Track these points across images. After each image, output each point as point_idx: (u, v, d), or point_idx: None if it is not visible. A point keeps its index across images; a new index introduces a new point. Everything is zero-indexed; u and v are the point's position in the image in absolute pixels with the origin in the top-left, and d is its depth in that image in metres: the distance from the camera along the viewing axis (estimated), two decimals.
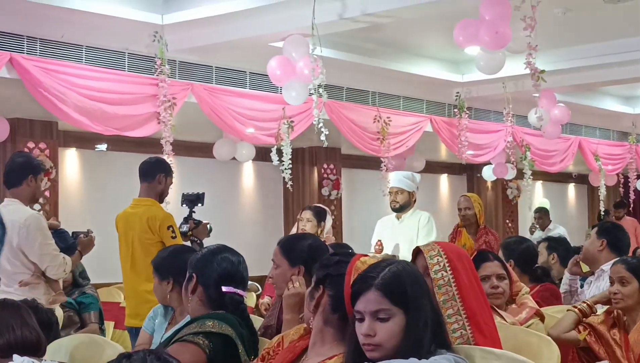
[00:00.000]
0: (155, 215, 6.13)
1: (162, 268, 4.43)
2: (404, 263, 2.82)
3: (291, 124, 9.27)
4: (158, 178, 6.31)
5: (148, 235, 6.10)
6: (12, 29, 7.49)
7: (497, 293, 4.44)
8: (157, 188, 6.33)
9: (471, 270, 3.40)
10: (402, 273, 2.72)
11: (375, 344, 2.66)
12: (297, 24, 7.68)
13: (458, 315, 3.22)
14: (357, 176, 13.49)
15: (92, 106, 7.97)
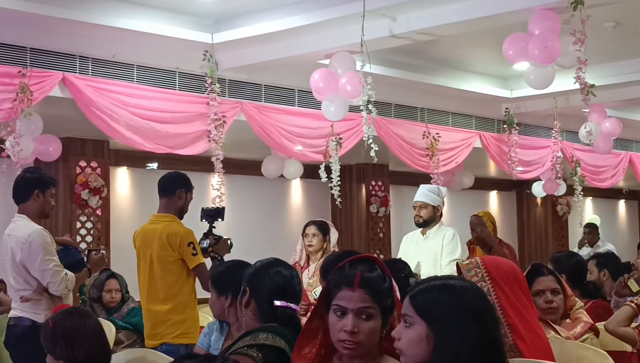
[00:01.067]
0: (176, 231, 5.95)
1: (221, 283, 4.36)
2: (455, 285, 2.71)
3: (339, 141, 9.28)
4: (178, 193, 6.15)
5: (168, 252, 5.91)
6: (65, 49, 7.62)
7: (551, 308, 4.40)
8: (177, 203, 6.15)
9: (516, 282, 3.40)
10: (439, 289, 2.69)
11: (399, 348, 2.70)
12: (345, 41, 7.71)
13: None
14: (406, 193, 13.44)
15: (144, 124, 8.06)
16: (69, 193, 9.49)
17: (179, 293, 5.88)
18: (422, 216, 7.55)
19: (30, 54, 7.42)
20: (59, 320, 3.72)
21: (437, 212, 7.57)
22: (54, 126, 8.32)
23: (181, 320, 5.84)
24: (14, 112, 7.21)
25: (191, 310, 5.91)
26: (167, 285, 5.85)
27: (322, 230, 7.34)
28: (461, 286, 2.70)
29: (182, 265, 5.89)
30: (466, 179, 12.52)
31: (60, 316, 3.75)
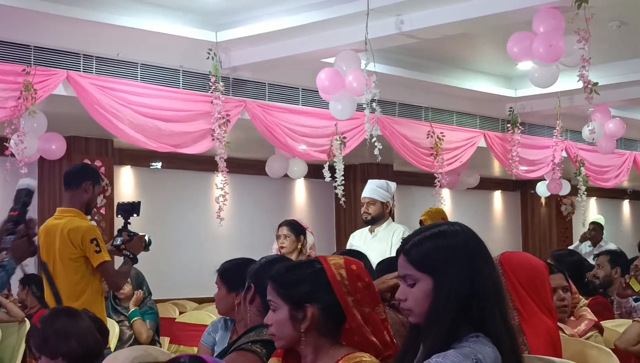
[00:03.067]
0: (78, 227, 5.47)
1: (231, 279, 4.31)
2: (445, 230, 2.67)
3: (343, 140, 9.28)
4: (84, 186, 5.60)
5: (70, 249, 5.47)
6: (69, 47, 7.62)
7: (564, 306, 4.41)
8: (82, 197, 5.61)
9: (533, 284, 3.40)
10: (432, 238, 2.64)
11: (407, 309, 2.65)
12: (350, 40, 7.71)
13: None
14: (410, 193, 13.45)
15: (147, 123, 8.06)
16: None
17: (82, 293, 5.47)
18: (370, 212, 7.11)
19: (34, 52, 7.42)
20: (47, 320, 3.70)
21: (386, 209, 7.14)
22: (58, 124, 8.33)
23: None
24: (18, 110, 7.22)
25: (98, 311, 5.24)
26: (71, 285, 5.44)
27: (294, 230, 7.08)
28: (451, 230, 2.66)
29: (86, 263, 5.49)
30: (471, 178, 12.52)
31: (47, 317, 3.73)
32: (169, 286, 10.33)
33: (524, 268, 3.46)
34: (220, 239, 10.81)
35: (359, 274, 2.86)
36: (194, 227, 11.16)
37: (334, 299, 2.82)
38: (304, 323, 2.84)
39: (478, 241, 2.68)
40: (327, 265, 2.87)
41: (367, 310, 2.85)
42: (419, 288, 2.61)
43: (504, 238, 15.47)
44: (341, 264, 2.87)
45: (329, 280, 2.84)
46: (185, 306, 9.13)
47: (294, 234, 7.04)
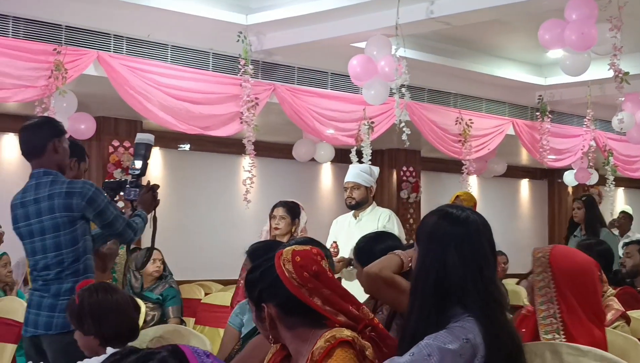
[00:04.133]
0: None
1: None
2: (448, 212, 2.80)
3: (371, 125, 9.27)
4: (71, 162, 5.18)
5: None
6: (100, 27, 7.66)
7: None
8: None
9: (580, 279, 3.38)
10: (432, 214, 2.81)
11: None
12: (380, 25, 7.70)
13: (553, 317, 3.24)
14: (437, 180, 13.43)
15: (177, 105, 8.08)
16: (101, 172, 9.55)
17: None
18: (354, 197, 6.92)
19: (65, 32, 7.46)
20: (85, 296, 3.73)
21: (370, 193, 6.99)
22: (87, 104, 8.38)
23: None
24: (49, 89, 7.26)
25: None
26: None
27: (290, 212, 6.80)
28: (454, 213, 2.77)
29: None
30: (499, 166, 12.47)
31: (86, 293, 3.75)
32: (195, 267, 10.39)
33: (575, 275, 3.40)
34: (247, 221, 10.82)
35: (303, 264, 2.88)
36: (220, 209, 11.19)
37: (290, 292, 2.87)
38: (265, 322, 2.90)
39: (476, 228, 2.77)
40: (277, 261, 2.91)
41: (326, 292, 2.88)
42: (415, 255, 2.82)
43: (530, 226, 15.43)
44: (288, 258, 2.90)
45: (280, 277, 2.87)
46: (211, 288, 9.17)
47: (290, 216, 6.75)
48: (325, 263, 2.94)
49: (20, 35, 7.21)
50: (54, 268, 4.60)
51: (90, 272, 4.73)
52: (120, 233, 4.72)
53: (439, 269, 2.65)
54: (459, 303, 2.63)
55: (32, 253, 4.67)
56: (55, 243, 4.59)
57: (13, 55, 7.10)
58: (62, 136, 4.81)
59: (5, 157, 9.51)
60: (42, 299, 4.61)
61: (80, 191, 4.56)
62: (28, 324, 4.67)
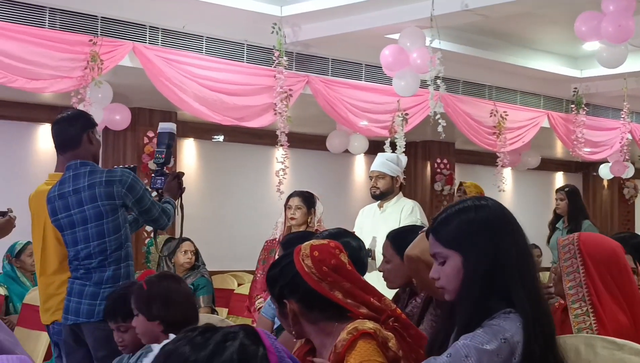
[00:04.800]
0: None
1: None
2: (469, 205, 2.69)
3: (406, 117, 9.25)
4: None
5: None
6: (136, 18, 7.69)
7: None
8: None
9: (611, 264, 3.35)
10: (456, 214, 2.67)
11: (440, 287, 2.68)
12: (415, 16, 7.67)
13: (582, 301, 3.23)
14: (471, 172, 13.37)
15: (211, 96, 8.11)
16: (136, 163, 9.60)
17: None
18: (379, 187, 6.69)
19: (101, 23, 7.50)
20: (154, 281, 3.78)
21: (395, 183, 6.73)
22: (123, 95, 8.43)
23: None
24: (85, 80, 7.31)
25: None
26: (61, 254, 4.95)
27: (306, 202, 6.62)
28: (476, 204, 2.68)
29: None
30: (532, 159, 12.40)
31: (154, 279, 3.82)
32: (228, 257, 10.43)
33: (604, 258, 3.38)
34: (280, 213, 10.84)
35: (321, 259, 2.89)
36: (254, 200, 11.22)
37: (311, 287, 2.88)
38: (288, 318, 2.91)
39: (504, 215, 2.68)
40: (296, 257, 2.92)
41: (346, 285, 2.88)
42: (449, 265, 2.65)
43: None
44: (307, 253, 2.91)
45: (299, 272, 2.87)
46: (244, 279, 9.21)
47: (306, 206, 6.58)
48: (344, 256, 2.96)
49: (56, 26, 7.26)
50: (97, 256, 4.65)
51: (131, 259, 4.80)
52: (157, 219, 4.79)
53: (487, 263, 2.60)
54: (503, 297, 2.59)
55: (74, 243, 4.71)
56: (98, 231, 4.64)
57: (49, 46, 7.15)
58: (95, 127, 4.89)
59: (41, 147, 9.59)
60: (84, 287, 4.66)
61: (120, 179, 4.62)
62: (69, 312, 4.70)
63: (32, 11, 7.13)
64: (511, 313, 2.56)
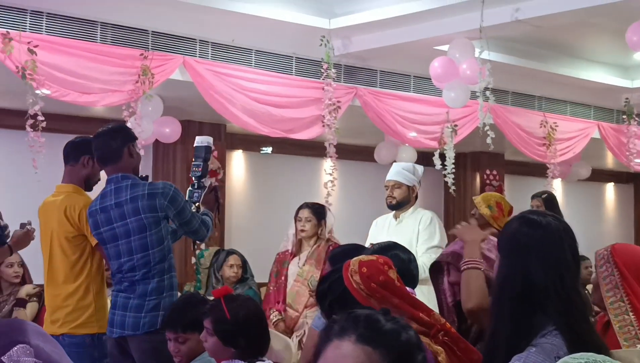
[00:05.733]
0: (75, 204, 5.00)
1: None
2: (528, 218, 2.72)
3: (455, 128, 9.21)
4: (82, 160, 5.12)
5: (66, 227, 4.99)
6: (186, 33, 7.76)
7: None
8: (81, 172, 5.13)
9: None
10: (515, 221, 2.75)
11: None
12: (464, 28, 7.65)
13: (621, 301, 3.23)
14: (521, 183, 13.27)
15: (260, 108, 8.15)
16: (186, 175, 9.65)
17: (80, 274, 5.00)
18: (395, 196, 6.52)
19: (152, 37, 7.57)
20: (237, 311, 3.75)
21: (412, 193, 6.58)
22: (173, 108, 8.50)
23: (83, 306, 4.96)
24: (136, 93, 7.38)
25: (96, 293, 5.01)
26: (68, 265, 5.00)
27: (316, 214, 6.58)
28: (532, 219, 2.70)
29: (85, 242, 5.02)
30: (583, 170, 12.29)
31: (237, 307, 3.78)
32: None
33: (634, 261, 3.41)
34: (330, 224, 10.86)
35: (370, 275, 2.89)
36: None
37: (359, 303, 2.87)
38: None
39: (558, 235, 2.69)
40: (345, 273, 2.92)
41: (395, 301, 2.87)
42: (497, 264, 2.74)
43: (615, 231, 15.15)
44: (355, 269, 2.90)
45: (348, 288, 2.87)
46: None
47: (315, 218, 6.55)
48: (393, 272, 2.95)
49: (107, 41, 7.35)
50: (141, 269, 4.71)
51: (174, 271, 4.87)
52: (196, 230, 4.85)
53: (522, 277, 2.60)
54: (542, 311, 2.58)
55: (117, 256, 4.77)
56: (142, 244, 4.70)
57: (101, 60, 7.24)
58: (135, 140, 4.97)
59: None
60: (129, 300, 4.71)
61: (162, 192, 4.69)
62: (114, 325, 4.75)
63: (85, 26, 7.22)
64: (559, 331, 2.54)
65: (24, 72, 6.69)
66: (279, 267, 6.65)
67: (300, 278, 6.43)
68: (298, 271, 6.48)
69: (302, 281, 6.40)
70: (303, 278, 6.41)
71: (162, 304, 4.69)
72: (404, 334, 1.85)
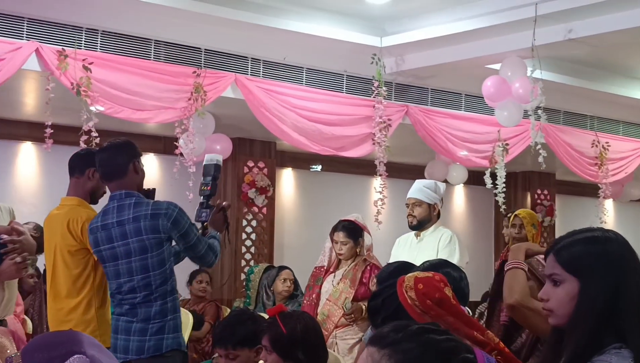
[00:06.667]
0: (78, 217, 4.89)
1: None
2: (599, 236, 2.62)
3: (506, 147, 9.16)
4: (88, 173, 5.00)
5: (69, 241, 4.89)
6: (238, 50, 7.82)
7: None
8: (86, 184, 5.01)
9: None
10: (584, 242, 2.61)
11: (548, 309, 2.62)
12: (516, 46, 7.61)
13: None
14: (572, 203, 13.17)
15: (310, 126, 8.18)
16: (236, 191, 9.73)
17: (82, 288, 4.89)
18: (415, 215, 6.43)
19: (204, 55, 7.64)
20: (294, 326, 3.77)
21: (433, 211, 6.46)
22: (225, 126, 8.57)
23: (86, 320, 4.85)
24: (188, 111, 7.45)
25: (98, 308, 4.89)
26: (70, 279, 4.90)
27: (352, 235, 6.46)
28: (605, 237, 2.61)
29: (88, 255, 4.91)
30: (636, 190, 12.14)
31: (293, 322, 3.80)
32: None
33: None
34: (378, 243, 10.81)
35: (425, 292, 2.86)
36: None
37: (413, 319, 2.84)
38: None
39: (630, 251, 2.62)
40: (399, 288, 2.89)
41: (450, 319, 2.85)
42: (564, 289, 2.59)
43: None
44: (410, 285, 2.88)
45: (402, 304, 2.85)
46: None
47: (352, 240, 6.44)
48: (448, 290, 2.93)
49: (161, 58, 7.43)
50: (141, 290, 4.60)
51: (177, 292, 4.74)
52: (203, 256, 4.72)
53: (606, 297, 2.55)
54: (617, 333, 2.54)
55: (116, 276, 4.66)
56: (142, 265, 4.59)
57: (154, 77, 7.32)
58: (140, 157, 4.87)
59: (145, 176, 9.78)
60: (131, 324, 4.61)
61: (166, 213, 4.58)
62: (117, 350, 4.62)
63: (138, 43, 7.31)
64: (622, 349, 2.50)
65: (79, 89, 6.79)
66: (312, 283, 6.61)
67: (332, 298, 6.31)
68: (332, 291, 6.36)
69: (335, 301, 6.27)
70: (335, 298, 6.29)
71: (167, 327, 4.60)
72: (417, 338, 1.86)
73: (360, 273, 6.34)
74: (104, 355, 2.01)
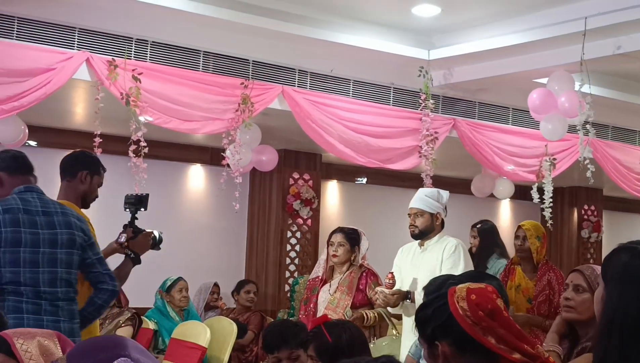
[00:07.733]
0: None
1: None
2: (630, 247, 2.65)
3: (553, 161, 9.10)
4: (80, 175, 4.84)
5: None
6: (285, 62, 7.86)
7: None
8: (78, 188, 4.85)
9: None
10: (623, 251, 2.62)
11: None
12: (564, 60, 7.57)
13: None
14: (620, 219, 13.05)
15: (356, 138, 8.19)
16: (281, 203, 9.77)
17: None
18: (417, 225, 6.25)
19: (252, 67, 7.69)
20: (340, 334, 3.82)
21: (435, 221, 6.26)
22: (271, 137, 8.61)
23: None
24: (235, 122, 7.49)
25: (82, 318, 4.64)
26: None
27: (350, 239, 6.45)
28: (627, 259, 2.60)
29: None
30: None
31: (339, 331, 3.84)
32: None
33: None
34: None
35: (478, 303, 2.83)
36: (397, 243, 11.17)
37: (464, 330, 2.82)
38: (438, 360, 2.84)
39: None
40: (451, 299, 2.87)
41: (501, 331, 2.83)
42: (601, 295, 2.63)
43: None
44: (463, 295, 2.86)
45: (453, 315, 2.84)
46: None
47: (349, 243, 6.42)
48: (500, 302, 2.92)
49: (209, 70, 7.49)
50: (63, 286, 4.42)
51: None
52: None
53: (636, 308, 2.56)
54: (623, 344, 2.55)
55: (33, 264, 4.36)
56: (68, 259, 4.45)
57: (202, 88, 7.38)
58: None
59: (192, 186, 9.87)
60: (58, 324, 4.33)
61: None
62: None
63: (187, 55, 7.38)
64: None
65: (128, 99, 6.86)
66: (309, 294, 6.57)
67: (331, 306, 6.23)
68: (329, 299, 6.29)
69: (334, 309, 6.19)
70: (334, 306, 6.22)
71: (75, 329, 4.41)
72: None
73: (357, 279, 6.33)
74: (149, 360, 2.04)
